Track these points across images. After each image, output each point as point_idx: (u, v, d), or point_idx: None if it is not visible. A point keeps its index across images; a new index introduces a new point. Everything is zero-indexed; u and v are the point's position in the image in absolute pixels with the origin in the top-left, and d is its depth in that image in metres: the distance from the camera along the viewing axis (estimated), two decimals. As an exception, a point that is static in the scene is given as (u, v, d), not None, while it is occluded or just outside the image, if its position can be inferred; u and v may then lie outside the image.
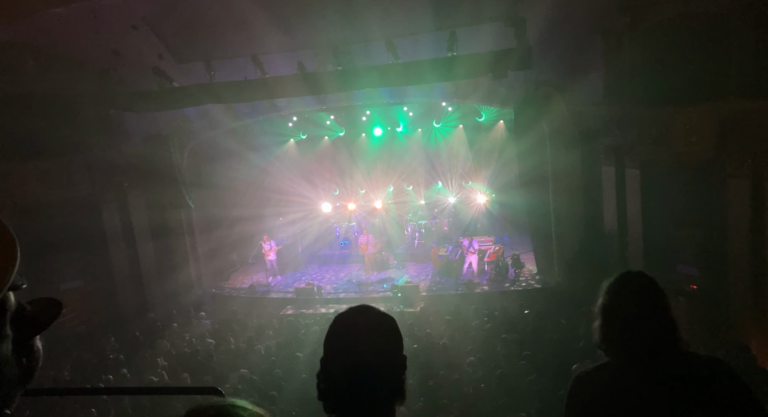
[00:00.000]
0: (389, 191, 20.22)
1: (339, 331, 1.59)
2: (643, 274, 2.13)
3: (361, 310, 1.63)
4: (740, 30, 9.29)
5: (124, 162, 14.67)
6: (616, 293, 2.10)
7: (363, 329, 1.58)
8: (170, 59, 13.16)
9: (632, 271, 2.15)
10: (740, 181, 9.65)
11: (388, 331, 1.60)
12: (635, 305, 2.05)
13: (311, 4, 11.48)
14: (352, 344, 1.55)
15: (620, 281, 2.12)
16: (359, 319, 1.60)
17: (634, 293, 2.08)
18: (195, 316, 14.19)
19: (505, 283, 14.92)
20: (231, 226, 17.46)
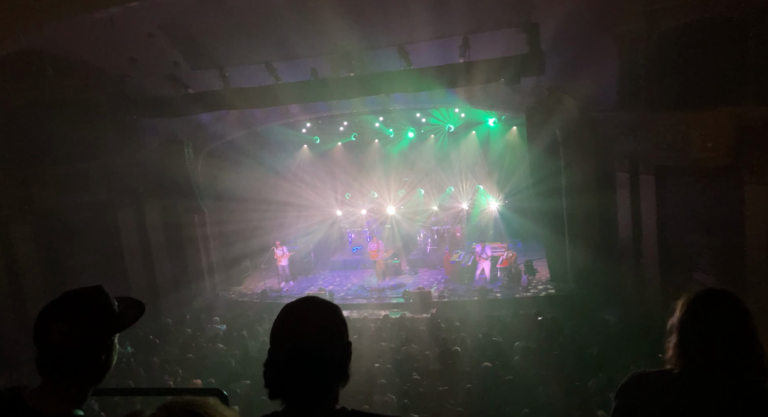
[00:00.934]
0: (400, 195, 20.21)
1: (283, 319, 1.66)
2: (729, 293, 1.96)
3: (305, 299, 1.71)
4: (757, 35, 9.18)
5: (140, 168, 14.85)
6: (698, 310, 1.93)
7: (305, 315, 1.65)
8: (185, 66, 13.34)
9: (715, 288, 1.99)
10: (758, 187, 9.49)
11: (331, 317, 1.66)
12: (720, 324, 1.88)
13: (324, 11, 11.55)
14: (294, 329, 1.61)
15: (703, 297, 1.96)
16: (302, 307, 1.67)
17: (719, 311, 1.91)
18: (207, 320, 14.26)
19: (518, 289, 14.81)
20: (244, 231, 17.57)
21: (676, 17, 10.51)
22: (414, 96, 14.47)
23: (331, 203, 20.23)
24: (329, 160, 20.41)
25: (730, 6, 9.46)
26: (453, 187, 19.98)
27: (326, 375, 1.58)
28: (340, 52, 12.75)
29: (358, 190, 20.53)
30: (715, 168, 10.18)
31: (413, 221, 19.72)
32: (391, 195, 19.95)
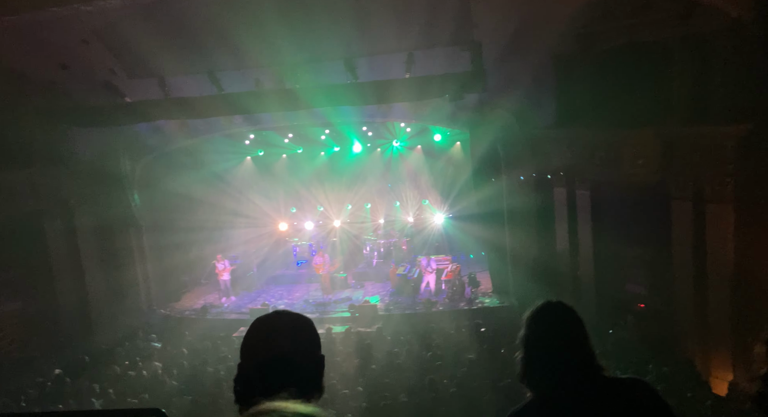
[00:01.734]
0: (347, 209, 20.15)
1: (254, 332, 1.63)
2: (562, 304, 2.13)
3: (276, 312, 1.68)
4: (681, 60, 9.80)
5: (72, 178, 14.11)
6: (536, 324, 2.08)
7: (277, 328, 1.62)
8: (122, 74, 12.84)
9: (551, 300, 2.14)
10: (683, 203, 10.08)
11: (303, 329, 1.64)
12: (554, 336, 2.04)
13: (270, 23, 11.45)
14: (266, 342, 1.59)
15: (540, 312, 2.10)
16: (274, 320, 1.65)
17: (551, 323, 2.07)
18: (143, 338, 13.64)
19: (462, 301, 15.01)
20: (183, 246, 16.97)
21: (608, 40, 11.08)
22: (360, 109, 14.53)
23: (275, 216, 19.90)
24: (274, 172, 20.11)
25: (657, 32, 10.07)
26: (399, 201, 20.13)
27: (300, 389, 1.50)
28: (286, 64, 12.65)
29: (304, 203, 20.32)
30: (645, 184, 10.72)
31: (359, 235, 19.69)
32: (337, 208, 19.86)
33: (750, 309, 9.29)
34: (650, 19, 10.01)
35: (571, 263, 12.70)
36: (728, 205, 9.32)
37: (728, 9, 8.78)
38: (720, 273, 9.59)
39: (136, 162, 15.43)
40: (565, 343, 2.03)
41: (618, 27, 10.62)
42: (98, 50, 12.29)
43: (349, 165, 19.81)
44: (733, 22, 8.89)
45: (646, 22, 10.11)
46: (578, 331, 2.07)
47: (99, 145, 14.67)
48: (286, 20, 11.60)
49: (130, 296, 15.54)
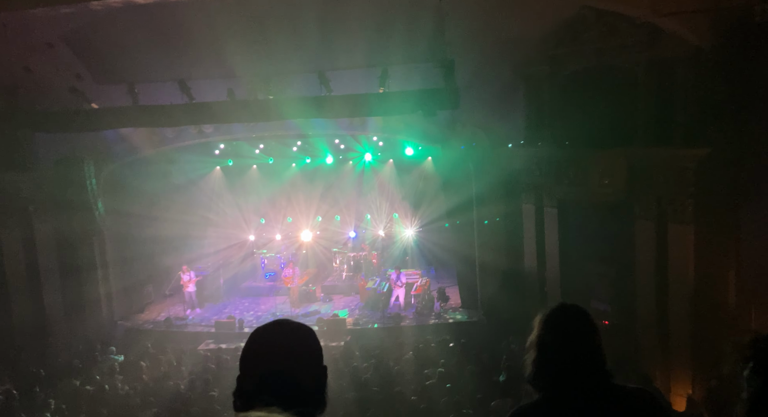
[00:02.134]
0: (317, 221, 20.04)
1: (253, 343, 1.56)
2: (576, 307, 2.13)
3: (277, 322, 1.61)
4: (645, 84, 10.15)
5: (31, 185, 13.65)
6: (551, 326, 2.08)
7: (277, 339, 1.56)
8: (89, 79, 12.55)
9: (567, 303, 2.15)
10: (646, 222, 10.37)
11: (305, 340, 1.58)
12: (567, 338, 2.04)
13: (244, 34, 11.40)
14: (266, 354, 1.52)
15: (555, 314, 2.11)
16: (274, 330, 1.58)
17: (567, 326, 2.07)
18: (103, 351, 13.19)
19: (431, 316, 15.05)
20: (148, 256, 16.57)
21: (576, 63, 11.41)
22: (333, 122, 14.53)
23: (243, 227, 19.63)
24: (243, 182, 19.88)
25: (623, 56, 10.42)
26: (369, 214, 20.13)
27: (301, 404, 1.46)
28: (259, 75, 12.58)
29: (273, 214, 20.12)
30: (611, 203, 11.00)
31: (328, 247, 19.59)
32: (307, 220, 19.73)
33: (708, 326, 9.58)
34: (617, 44, 10.35)
35: (539, 279, 12.89)
36: (689, 225, 9.62)
37: (689, 37, 9.16)
38: (680, 291, 9.87)
39: (101, 169, 15.04)
40: (579, 346, 2.03)
41: (586, 50, 10.95)
42: (64, 54, 12.00)
43: (320, 177, 19.75)
44: (695, 50, 9.27)
45: (612, 47, 10.45)
46: (592, 334, 2.07)
47: (62, 150, 14.26)
48: (261, 31, 11.57)
49: (91, 308, 15.04)
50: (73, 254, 14.76)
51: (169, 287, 16.49)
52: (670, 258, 10.01)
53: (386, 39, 11.59)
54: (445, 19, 11.06)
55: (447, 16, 11.00)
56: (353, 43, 11.70)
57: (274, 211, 20.11)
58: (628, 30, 9.98)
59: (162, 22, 11.06)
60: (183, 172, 17.84)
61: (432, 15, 10.92)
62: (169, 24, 11.11)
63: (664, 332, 10.22)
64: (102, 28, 11.26)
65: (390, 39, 11.63)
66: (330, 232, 20.04)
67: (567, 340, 2.04)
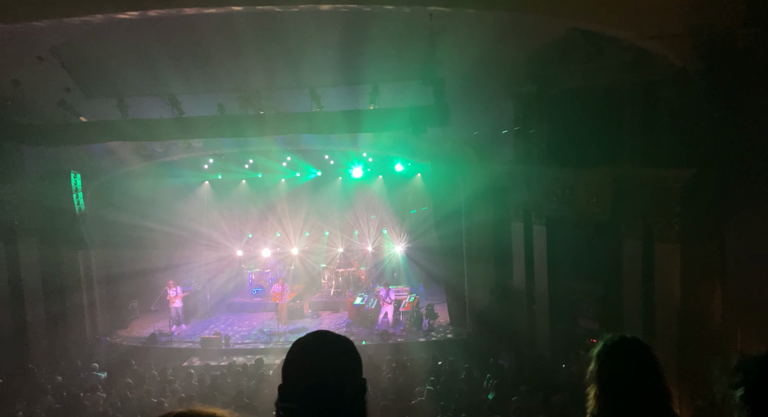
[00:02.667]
0: (305, 237, 19.95)
1: (294, 356, 1.57)
2: (639, 341, 2.08)
3: (317, 333, 1.64)
4: (630, 105, 10.32)
5: (16, 198, 13.48)
6: (613, 360, 2.02)
7: (318, 351, 1.58)
8: (78, 93, 12.51)
9: (627, 336, 2.09)
10: (632, 241, 10.46)
11: (345, 353, 1.60)
12: (634, 373, 1.98)
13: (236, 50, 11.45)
14: (307, 366, 1.54)
15: (616, 347, 2.05)
16: (314, 342, 1.61)
17: (632, 360, 2.01)
18: (85, 367, 12.94)
19: (419, 333, 14.97)
20: (134, 271, 16.37)
21: (564, 83, 11.59)
22: (323, 138, 14.58)
23: (231, 242, 19.49)
24: (232, 197, 19.78)
25: (609, 77, 10.60)
26: (358, 230, 20.09)
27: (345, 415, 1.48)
28: (250, 90, 12.62)
29: (261, 229, 20.02)
30: (598, 221, 11.09)
31: (317, 263, 19.49)
32: (295, 236, 19.64)
33: (695, 345, 9.62)
34: (603, 65, 10.54)
35: (527, 297, 12.90)
36: (675, 244, 9.72)
37: (674, 60, 9.34)
38: (667, 309, 9.93)
39: (89, 183, 14.92)
40: (645, 381, 1.97)
41: (574, 70, 11.13)
42: (54, 67, 11.96)
43: (309, 192, 19.72)
44: (679, 72, 9.45)
45: (599, 67, 10.63)
46: (657, 369, 2.02)
47: (49, 164, 14.14)
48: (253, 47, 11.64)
49: (74, 323, 14.79)
50: (58, 269, 14.56)
51: (155, 303, 16.28)
52: (657, 277, 10.09)
53: (377, 57, 11.71)
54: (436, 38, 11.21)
55: (437, 35, 11.15)
56: (344, 60, 11.80)
57: (262, 225, 20.00)
58: (615, 51, 10.17)
59: (152, 37, 11.09)
60: (171, 186, 17.74)
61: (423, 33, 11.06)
62: (160, 39, 11.14)
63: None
64: (92, 41, 11.26)
65: (381, 57, 11.75)
66: (318, 248, 19.95)
67: (633, 375, 1.97)
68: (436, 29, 10.80)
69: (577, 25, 10.38)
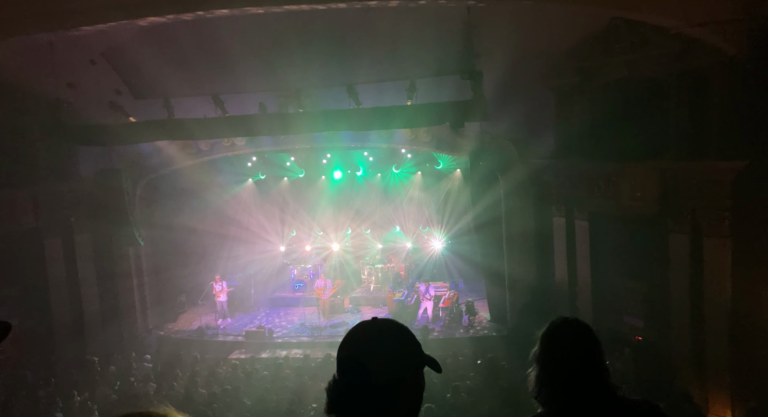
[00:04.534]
0: (347, 234, 20.16)
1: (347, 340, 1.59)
2: (578, 321, 2.13)
3: (373, 319, 1.63)
4: (677, 95, 9.97)
5: (73, 196, 14.17)
6: (552, 341, 2.09)
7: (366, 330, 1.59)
8: (128, 95, 13.03)
9: (567, 317, 2.15)
10: (680, 236, 10.12)
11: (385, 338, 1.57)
12: (570, 353, 2.04)
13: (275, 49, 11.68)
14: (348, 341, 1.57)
15: (556, 329, 2.11)
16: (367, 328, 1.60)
17: (570, 341, 2.07)
18: (137, 358, 13.51)
19: (459, 329, 14.92)
20: (181, 266, 16.95)
21: (607, 74, 11.29)
22: (362, 135, 14.69)
23: (274, 239, 19.90)
24: (275, 195, 20.17)
25: (654, 68, 10.27)
26: (398, 226, 20.14)
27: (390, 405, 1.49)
28: (289, 89, 12.85)
29: (304, 227, 20.34)
30: (643, 216, 10.78)
31: (357, 259, 19.66)
32: (336, 232, 19.87)
33: (747, 345, 9.26)
34: (648, 55, 10.21)
35: (569, 294, 12.67)
36: (725, 239, 9.36)
37: (724, 48, 8.97)
38: (717, 307, 9.57)
39: (138, 181, 15.51)
40: (580, 361, 2.03)
41: (617, 62, 10.83)
42: (105, 70, 12.53)
43: (349, 189, 19.89)
44: (729, 61, 9.07)
45: (644, 58, 10.31)
46: (594, 348, 2.07)
47: (101, 163, 14.78)
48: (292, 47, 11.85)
49: (126, 316, 15.45)
50: (111, 263, 15.22)
51: (202, 297, 16.81)
52: (706, 273, 9.73)
53: (414, 52, 11.72)
54: (474, 31, 11.12)
55: (475, 28, 11.06)
56: (381, 57, 11.86)
57: (304, 223, 20.32)
58: (661, 41, 9.84)
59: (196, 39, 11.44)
60: (216, 184, 18.24)
61: (460, 27, 11.00)
62: (203, 41, 11.49)
63: (700, 350, 9.91)
64: (139, 45, 11.71)
65: (418, 52, 11.75)
66: (358, 244, 20.12)
67: (569, 354, 2.04)
68: (474, 23, 10.72)
69: (621, 15, 10.10)
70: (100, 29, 10.35)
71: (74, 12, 9.42)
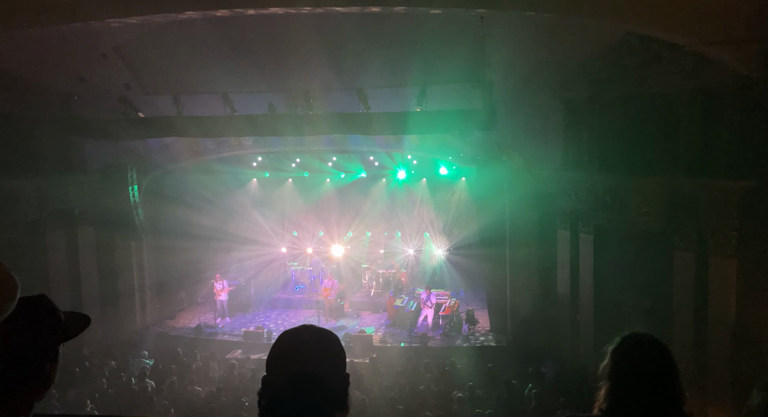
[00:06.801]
0: (348, 235, 20.12)
1: (282, 345, 1.60)
2: (653, 338, 2.03)
3: (304, 326, 1.66)
4: (689, 112, 9.93)
5: (78, 189, 14.21)
6: (627, 357, 1.98)
7: (304, 341, 1.60)
8: (138, 90, 13.05)
9: (641, 333, 2.05)
10: (685, 254, 10.05)
11: (329, 345, 1.62)
12: (647, 371, 1.94)
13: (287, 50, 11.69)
14: (293, 355, 1.56)
15: (631, 344, 2.01)
16: (300, 333, 1.63)
17: (646, 357, 1.97)
18: (135, 354, 13.49)
19: (459, 338, 14.85)
20: (182, 263, 16.92)
21: (618, 89, 11.26)
22: (369, 139, 14.68)
23: (276, 239, 19.87)
24: (278, 195, 20.18)
25: (666, 84, 10.24)
26: (400, 232, 20.10)
27: (326, 405, 1.49)
28: (299, 90, 12.86)
29: (306, 228, 20.32)
30: (648, 232, 10.72)
31: (358, 263, 19.62)
32: (338, 235, 19.84)
33: (750, 365, 9.16)
34: (660, 71, 10.19)
35: (571, 307, 12.60)
36: (731, 259, 9.29)
37: (738, 67, 8.93)
38: (721, 326, 9.50)
39: (143, 177, 15.53)
40: (659, 381, 1.93)
41: (628, 76, 10.80)
42: (116, 65, 12.52)
43: (353, 192, 19.88)
44: (742, 79, 9.03)
45: (656, 74, 10.28)
46: (670, 367, 1.97)
47: (108, 158, 14.80)
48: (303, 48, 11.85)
49: (126, 311, 15.43)
50: (112, 257, 15.23)
51: (201, 295, 16.78)
52: (711, 292, 9.67)
53: (426, 59, 11.70)
54: (486, 41, 11.10)
55: (487, 37, 11.04)
56: (393, 63, 11.85)
57: (306, 224, 20.30)
58: (674, 57, 9.81)
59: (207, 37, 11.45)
60: (221, 182, 18.26)
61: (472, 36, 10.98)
62: (214, 39, 11.50)
63: (703, 370, 9.82)
64: (151, 41, 11.73)
65: (430, 59, 11.73)
66: (360, 248, 20.08)
67: (646, 373, 1.93)
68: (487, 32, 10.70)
69: (635, 30, 10.07)
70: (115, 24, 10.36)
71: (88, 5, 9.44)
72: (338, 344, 1.64)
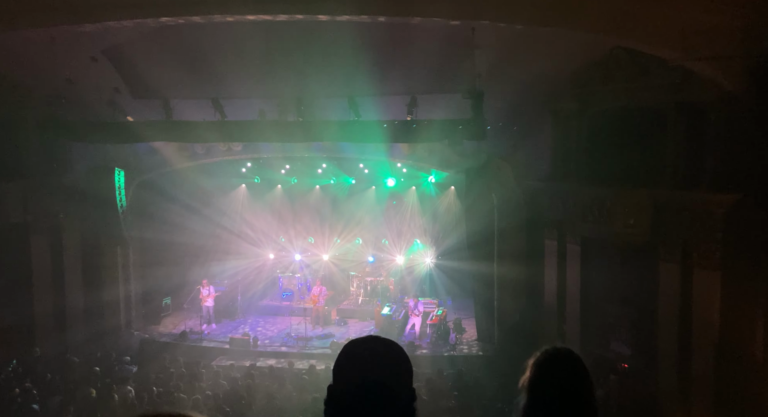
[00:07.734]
0: (336, 243, 20.06)
1: (350, 354, 1.58)
2: (570, 351, 2.10)
3: (371, 337, 1.64)
4: (675, 126, 10.08)
5: (63, 192, 14.05)
6: (544, 370, 2.05)
7: (374, 352, 1.58)
8: (127, 94, 12.99)
9: (560, 347, 2.12)
10: (671, 265, 10.16)
11: (400, 356, 1.60)
12: (561, 384, 2.01)
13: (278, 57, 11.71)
14: (362, 365, 1.54)
15: (548, 358, 2.08)
16: (369, 344, 1.61)
17: (561, 371, 2.04)
18: (118, 360, 13.30)
19: (446, 347, 14.83)
20: (169, 268, 16.76)
21: (606, 101, 11.41)
22: (359, 146, 14.70)
23: (264, 245, 19.77)
24: (267, 201, 20.07)
25: (653, 97, 10.39)
26: (387, 240, 20.06)
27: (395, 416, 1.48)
28: (291, 97, 12.87)
29: (294, 234, 20.23)
30: (634, 243, 10.82)
31: (346, 270, 19.56)
32: (327, 242, 19.78)
33: (733, 375, 9.25)
34: (647, 85, 10.35)
35: (558, 317, 12.65)
36: (715, 271, 9.41)
37: (722, 82, 9.09)
38: (704, 337, 9.59)
39: (131, 181, 15.41)
40: (571, 393, 1.99)
41: (616, 89, 10.95)
42: (106, 68, 12.47)
43: (343, 199, 19.86)
44: (727, 95, 9.19)
45: (643, 87, 10.44)
46: (585, 381, 2.03)
47: (95, 160, 14.68)
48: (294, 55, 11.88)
49: (109, 316, 15.24)
50: (97, 261, 15.05)
51: (187, 300, 16.63)
52: (695, 304, 9.77)
53: (417, 68, 11.78)
54: (477, 52, 11.21)
55: (479, 48, 11.15)
56: (384, 71, 11.91)
57: (295, 230, 20.22)
58: (660, 71, 9.98)
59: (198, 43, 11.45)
60: (209, 187, 18.15)
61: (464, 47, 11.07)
62: (205, 44, 11.50)
63: (686, 380, 9.91)
64: (141, 45, 11.70)
65: (421, 68, 11.81)
66: (348, 255, 20.02)
67: (559, 384, 2.00)
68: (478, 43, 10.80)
69: (623, 44, 10.22)
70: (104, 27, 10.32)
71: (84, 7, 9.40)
72: (406, 357, 1.61)
